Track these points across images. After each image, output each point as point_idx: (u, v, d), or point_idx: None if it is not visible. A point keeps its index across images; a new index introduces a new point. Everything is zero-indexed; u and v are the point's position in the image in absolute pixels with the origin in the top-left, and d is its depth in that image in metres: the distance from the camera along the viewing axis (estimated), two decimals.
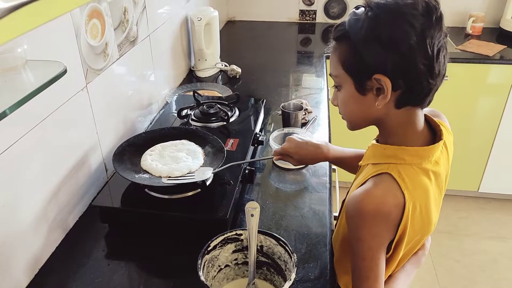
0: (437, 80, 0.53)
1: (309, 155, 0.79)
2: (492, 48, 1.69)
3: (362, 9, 0.53)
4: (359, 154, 0.76)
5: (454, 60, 1.63)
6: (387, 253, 0.57)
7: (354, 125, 0.61)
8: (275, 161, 0.81)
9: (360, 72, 0.54)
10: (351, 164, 0.76)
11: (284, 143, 0.81)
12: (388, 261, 0.59)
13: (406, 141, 0.56)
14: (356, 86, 0.55)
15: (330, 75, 0.59)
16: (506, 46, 1.71)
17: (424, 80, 0.51)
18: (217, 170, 0.76)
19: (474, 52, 1.66)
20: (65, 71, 0.51)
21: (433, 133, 0.59)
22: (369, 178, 0.56)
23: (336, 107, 0.62)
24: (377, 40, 0.51)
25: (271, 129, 1.10)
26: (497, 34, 1.85)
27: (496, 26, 1.90)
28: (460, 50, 1.69)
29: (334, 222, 0.82)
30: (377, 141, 0.62)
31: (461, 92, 1.70)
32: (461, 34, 1.86)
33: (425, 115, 0.59)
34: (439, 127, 0.59)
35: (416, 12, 0.50)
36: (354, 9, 0.55)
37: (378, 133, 0.62)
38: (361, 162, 0.64)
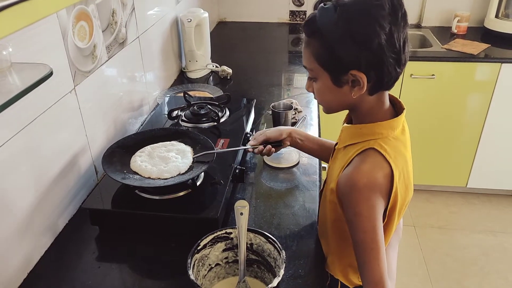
0: (403, 67, 0.58)
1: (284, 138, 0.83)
2: (477, 47, 1.73)
3: (330, 5, 0.55)
4: (320, 142, 0.84)
5: (440, 59, 1.66)
6: (382, 221, 0.61)
7: (330, 110, 0.65)
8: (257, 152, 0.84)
9: (335, 68, 0.58)
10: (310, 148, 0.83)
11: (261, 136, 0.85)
12: (384, 230, 0.62)
13: (378, 119, 0.61)
14: (332, 79, 0.59)
15: (304, 67, 0.62)
16: (490, 45, 1.75)
17: (393, 70, 0.57)
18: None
19: (459, 51, 1.70)
20: (51, 74, 0.51)
21: (392, 106, 0.65)
22: (354, 157, 0.60)
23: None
24: (350, 40, 0.54)
25: (264, 129, 1.10)
26: (481, 33, 1.89)
27: (480, 25, 1.95)
28: (446, 49, 1.72)
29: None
30: (348, 123, 0.66)
31: (447, 90, 1.73)
32: (446, 33, 1.89)
33: None
34: (397, 99, 0.65)
35: (384, 12, 0.54)
36: (322, 5, 0.57)
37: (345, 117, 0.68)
38: (337, 145, 0.68)
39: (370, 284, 0.59)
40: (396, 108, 0.64)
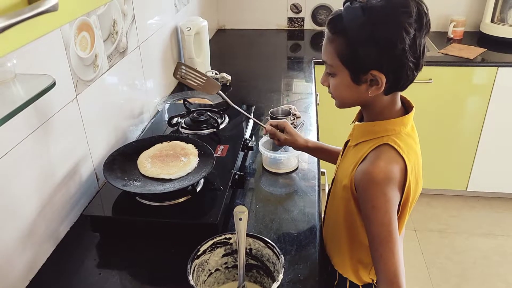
0: (420, 71, 0.61)
1: (297, 136, 0.88)
2: (473, 51, 1.75)
3: (358, 6, 0.57)
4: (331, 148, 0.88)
5: (437, 63, 1.68)
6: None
7: (343, 106, 0.67)
8: (266, 129, 0.89)
9: (356, 67, 0.60)
10: (328, 153, 0.87)
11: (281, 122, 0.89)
12: (397, 223, 0.63)
13: (391, 116, 0.64)
14: (352, 77, 0.61)
15: (324, 62, 0.64)
16: (486, 49, 1.76)
17: (411, 74, 0.60)
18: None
19: (456, 56, 1.72)
20: (54, 84, 0.52)
21: (402, 104, 0.67)
22: (369, 153, 0.62)
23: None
24: (376, 43, 0.56)
25: (264, 134, 1.12)
26: (477, 37, 1.91)
27: (476, 30, 1.97)
28: (443, 53, 1.74)
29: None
30: (359, 121, 0.69)
31: (445, 94, 1.75)
32: (443, 38, 1.91)
33: None
34: (406, 98, 0.67)
35: (411, 20, 0.56)
36: (349, 4, 0.58)
37: (351, 119, 0.71)
38: (349, 143, 0.69)
39: (386, 276, 0.60)
40: (406, 107, 0.66)
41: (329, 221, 0.77)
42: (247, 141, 1.03)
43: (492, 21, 1.86)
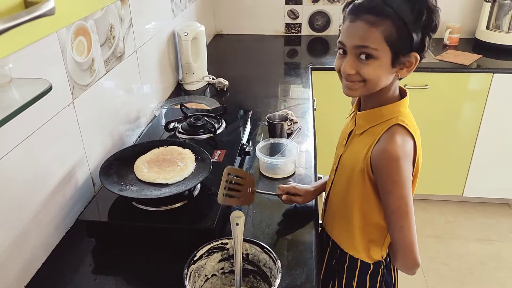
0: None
1: (307, 191, 0.88)
2: (469, 58, 1.77)
3: None
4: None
5: (433, 69, 1.69)
6: None
7: (372, 90, 0.68)
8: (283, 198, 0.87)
9: (402, 49, 0.63)
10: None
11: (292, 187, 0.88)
12: None
13: (394, 101, 0.69)
14: (392, 59, 0.64)
15: (360, 47, 0.63)
16: (481, 56, 1.79)
17: (424, 58, 0.65)
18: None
19: (452, 62, 1.74)
20: (50, 88, 0.52)
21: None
22: (382, 135, 0.67)
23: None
24: (426, 27, 0.62)
25: (261, 140, 1.12)
26: (473, 44, 1.94)
27: (471, 36, 2.00)
28: (439, 60, 1.76)
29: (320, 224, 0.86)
30: (359, 110, 0.72)
31: (441, 100, 1.76)
32: (439, 44, 1.94)
33: None
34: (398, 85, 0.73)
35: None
36: None
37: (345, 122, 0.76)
38: (354, 132, 0.73)
39: (405, 246, 0.66)
40: (400, 92, 0.72)
41: (333, 208, 0.80)
42: (244, 146, 1.03)
43: (487, 28, 1.89)
